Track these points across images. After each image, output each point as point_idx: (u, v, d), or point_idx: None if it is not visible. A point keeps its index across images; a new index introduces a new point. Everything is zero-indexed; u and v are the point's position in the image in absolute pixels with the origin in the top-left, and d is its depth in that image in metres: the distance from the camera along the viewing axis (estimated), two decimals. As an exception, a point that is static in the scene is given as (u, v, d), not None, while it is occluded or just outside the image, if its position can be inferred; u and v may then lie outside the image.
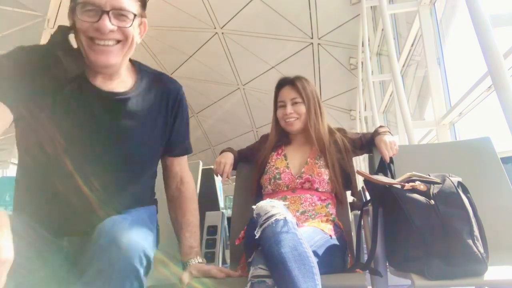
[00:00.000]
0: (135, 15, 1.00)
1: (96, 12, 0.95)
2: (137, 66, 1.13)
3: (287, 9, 7.13)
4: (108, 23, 0.95)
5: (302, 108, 1.51)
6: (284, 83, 1.57)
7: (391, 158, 1.48)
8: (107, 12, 0.95)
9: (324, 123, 1.55)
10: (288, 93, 1.54)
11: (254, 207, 1.09)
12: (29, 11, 7.13)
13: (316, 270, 0.95)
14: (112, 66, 1.01)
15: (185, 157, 1.27)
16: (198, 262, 1.16)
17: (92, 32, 0.96)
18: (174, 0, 7.23)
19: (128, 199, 1.08)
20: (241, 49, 8.25)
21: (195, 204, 1.25)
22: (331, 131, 1.57)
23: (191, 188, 1.26)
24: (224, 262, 1.78)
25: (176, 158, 1.24)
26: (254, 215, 1.07)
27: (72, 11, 0.98)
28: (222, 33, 7.99)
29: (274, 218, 1.00)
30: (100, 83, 1.03)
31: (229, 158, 1.61)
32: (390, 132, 1.55)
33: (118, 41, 0.99)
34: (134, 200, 1.09)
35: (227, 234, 1.79)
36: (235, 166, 1.66)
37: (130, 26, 0.99)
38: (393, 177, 1.45)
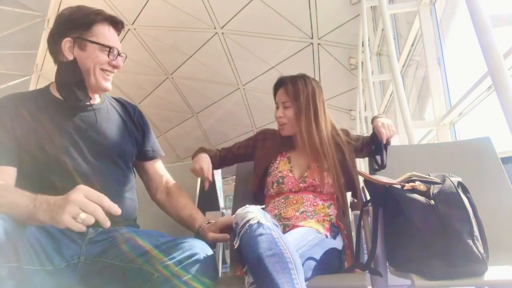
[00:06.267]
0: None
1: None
2: None
3: (287, 9, 7.13)
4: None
5: (290, 112, 1.47)
6: (279, 83, 1.53)
7: (386, 143, 1.50)
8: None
9: (321, 126, 1.46)
10: (280, 96, 1.50)
11: (233, 216, 1.10)
12: (29, 11, 7.14)
13: (292, 265, 0.95)
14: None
15: (161, 163, 1.38)
16: (208, 223, 1.22)
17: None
18: (174, 0, 7.24)
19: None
20: (241, 49, 8.25)
21: (186, 195, 1.35)
22: (335, 133, 1.52)
23: (178, 186, 1.37)
24: (224, 262, 1.77)
25: (155, 162, 1.35)
26: (233, 225, 1.07)
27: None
28: (222, 33, 7.99)
29: (248, 224, 1.01)
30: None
31: (204, 161, 1.49)
32: (387, 117, 1.58)
33: None
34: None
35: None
36: (216, 166, 1.57)
37: None
38: (382, 161, 1.49)
